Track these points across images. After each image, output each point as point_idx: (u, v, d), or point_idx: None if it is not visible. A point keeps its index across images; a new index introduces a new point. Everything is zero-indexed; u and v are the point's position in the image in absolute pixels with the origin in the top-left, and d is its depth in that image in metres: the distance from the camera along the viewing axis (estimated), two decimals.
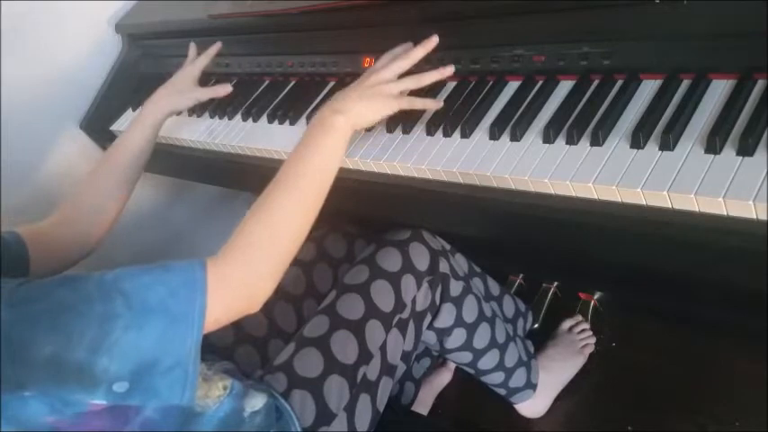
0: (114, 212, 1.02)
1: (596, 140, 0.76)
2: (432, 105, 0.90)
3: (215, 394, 0.79)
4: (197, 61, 1.17)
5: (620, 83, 0.81)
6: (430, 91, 0.97)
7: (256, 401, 0.82)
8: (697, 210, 0.66)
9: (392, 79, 0.87)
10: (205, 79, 1.34)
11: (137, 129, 1.07)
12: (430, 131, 0.92)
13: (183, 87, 1.13)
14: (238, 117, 1.19)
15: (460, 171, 0.84)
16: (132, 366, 0.63)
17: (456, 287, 1.05)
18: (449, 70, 0.90)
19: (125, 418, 0.68)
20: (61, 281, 0.66)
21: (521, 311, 1.32)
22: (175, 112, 1.12)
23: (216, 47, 1.20)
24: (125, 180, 1.04)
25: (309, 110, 1.10)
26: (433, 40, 0.90)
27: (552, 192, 0.76)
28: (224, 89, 1.14)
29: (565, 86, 0.86)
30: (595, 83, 0.84)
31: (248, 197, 1.85)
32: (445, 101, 0.94)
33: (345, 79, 1.11)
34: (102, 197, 1.01)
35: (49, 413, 0.63)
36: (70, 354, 0.61)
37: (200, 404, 0.77)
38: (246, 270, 0.72)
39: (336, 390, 0.89)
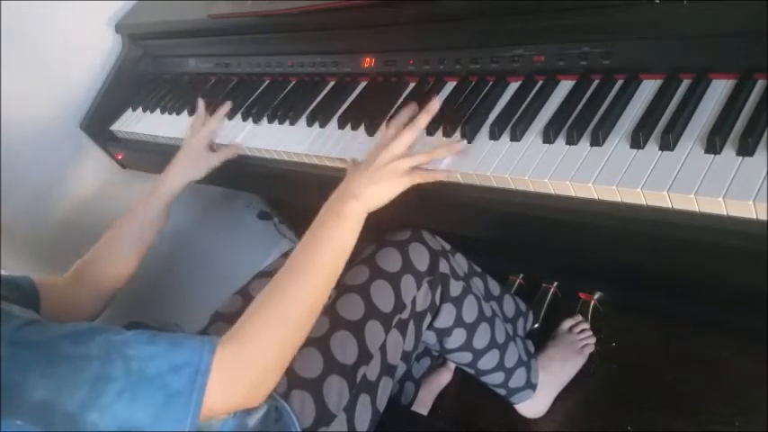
0: (128, 274, 1.03)
1: (596, 140, 0.76)
2: (443, 177, 0.86)
3: (219, 416, 0.79)
4: (208, 125, 1.14)
5: (620, 83, 0.81)
6: (431, 89, 0.97)
7: (257, 412, 0.82)
8: (697, 210, 0.66)
9: (404, 154, 0.85)
10: (205, 79, 1.34)
11: (155, 201, 1.06)
12: (430, 132, 0.92)
13: (197, 157, 1.11)
14: (238, 117, 1.19)
15: (460, 171, 0.84)
16: (120, 429, 0.63)
17: (456, 287, 1.05)
18: (456, 147, 0.86)
19: None
20: (68, 333, 0.66)
21: (521, 311, 1.32)
22: (192, 182, 1.11)
23: (225, 107, 1.18)
24: (140, 246, 1.04)
25: (309, 110, 1.09)
26: (435, 105, 0.88)
27: (552, 192, 0.76)
28: (234, 150, 1.12)
29: (565, 86, 0.86)
30: (595, 83, 0.84)
31: (248, 197, 1.86)
32: (445, 101, 0.94)
33: (345, 79, 1.11)
34: (116, 263, 1.01)
35: None
36: (61, 403, 0.61)
37: (205, 424, 0.76)
38: (251, 361, 0.70)
39: (336, 390, 0.89)
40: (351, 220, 0.81)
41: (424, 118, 0.88)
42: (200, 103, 1.19)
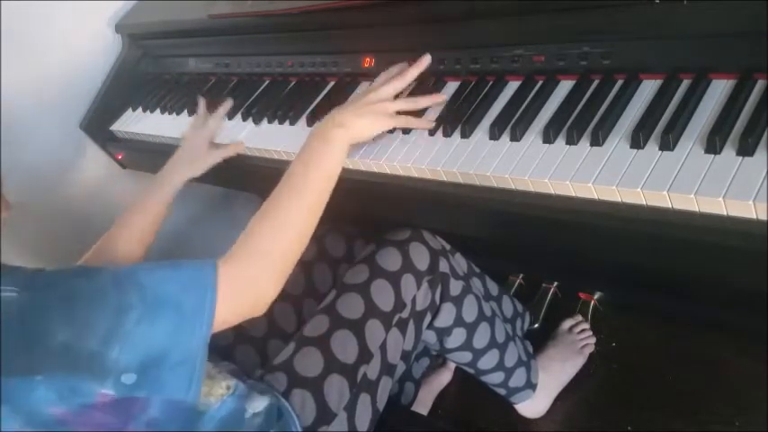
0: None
1: (596, 140, 0.76)
2: (425, 126, 0.92)
3: (218, 393, 0.80)
4: (209, 124, 1.14)
5: (620, 83, 0.81)
6: (431, 89, 0.97)
7: (258, 404, 0.82)
8: (697, 210, 0.66)
9: (389, 98, 0.90)
10: (205, 79, 1.34)
11: (155, 199, 1.07)
12: (430, 131, 0.92)
13: (198, 154, 1.11)
14: (238, 117, 1.19)
15: (460, 171, 0.84)
16: (141, 358, 0.65)
17: (456, 287, 1.05)
18: (442, 97, 0.93)
19: (129, 414, 0.68)
20: (78, 271, 0.68)
21: (519, 312, 1.32)
22: (192, 179, 1.11)
23: (227, 105, 1.17)
24: (144, 242, 1.05)
25: (309, 110, 1.10)
26: (426, 60, 0.94)
27: (552, 192, 0.76)
28: (236, 147, 1.12)
29: (565, 86, 0.86)
30: (595, 83, 0.84)
31: (248, 197, 1.86)
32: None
33: (345, 79, 1.11)
34: (120, 257, 1.02)
35: (57, 401, 0.64)
36: (83, 342, 0.63)
37: (203, 402, 0.77)
38: (253, 274, 0.75)
39: (336, 389, 0.89)
40: (336, 146, 0.86)
41: (414, 70, 0.93)
42: (201, 102, 1.19)
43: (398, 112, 0.91)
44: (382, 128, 0.91)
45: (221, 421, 0.79)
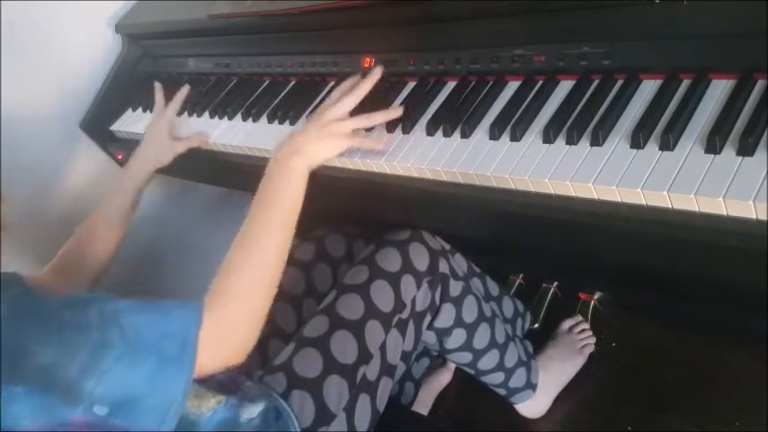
0: (108, 258, 1.06)
1: (596, 140, 0.76)
2: (380, 145, 0.92)
3: (208, 406, 0.79)
4: (166, 111, 1.18)
5: (619, 83, 0.81)
6: (431, 89, 0.97)
7: (252, 410, 0.82)
8: (697, 210, 0.66)
9: (344, 117, 0.91)
10: (205, 79, 1.34)
11: (121, 194, 1.10)
12: (430, 131, 0.92)
13: (159, 145, 1.15)
14: (238, 117, 1.19)
15: (460, 171, 0.84)
16: (117, 396, 0.65)
17: (456, 287, 1.05)
18: (396, 112, 0.93)
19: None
20: (66, 302, 0.68)
21: (519, 312, 1.32)
22: (157, 169, 1.14)
23: (184, 90, 1.20)
24: (114, 235, 1.08)
25: (309, 110, 1.09)
26: (377, 72, 0.95)
27: (552, 192, 0.76)
28: (198, 139, 1.15)
29: (565, 86, 0.86)
30: (595, 83, 0.84)
31: (248, 197, 1.85)
32: (445, 101, 0.94)
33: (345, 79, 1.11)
34: (93, 252, 1.04)
35: (31, 415, 0.64)
36: (61, 368, 0.63)
37: (194, 413, 0.77)
38: (231, 330, 0.74)
39: (336, 390, 0.89)
40: (293, 174, 0.86)
41: (367, 83, 0.93)
42: (158, 89, 1.19)
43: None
44: (341, 149, 0.91)
45: (218, 424, 0.79)
